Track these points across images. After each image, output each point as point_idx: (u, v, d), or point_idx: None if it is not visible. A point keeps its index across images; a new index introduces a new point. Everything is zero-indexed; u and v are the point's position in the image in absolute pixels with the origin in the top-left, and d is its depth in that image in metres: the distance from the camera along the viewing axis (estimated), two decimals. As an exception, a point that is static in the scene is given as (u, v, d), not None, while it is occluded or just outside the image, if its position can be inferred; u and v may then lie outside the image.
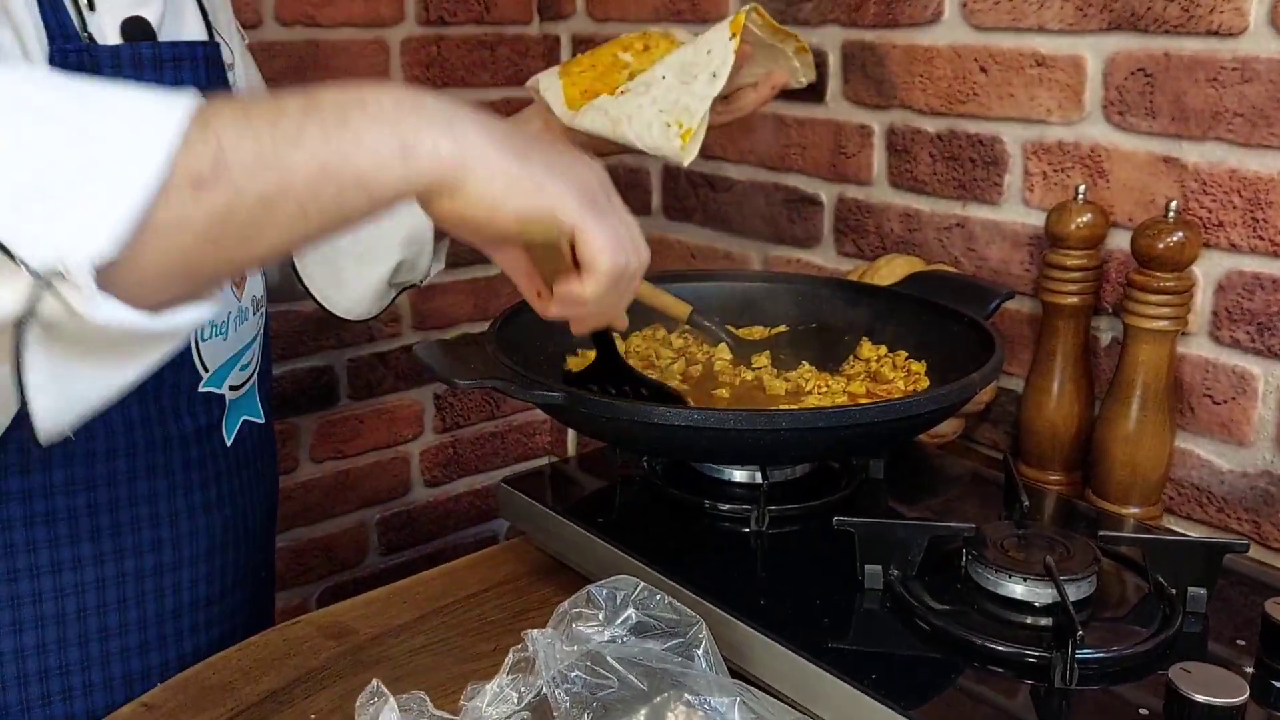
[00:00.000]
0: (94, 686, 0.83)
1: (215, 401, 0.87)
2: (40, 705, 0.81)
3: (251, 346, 0.91)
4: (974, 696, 0.66)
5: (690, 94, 0.91)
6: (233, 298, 0.86)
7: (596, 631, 0.68)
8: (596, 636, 0.67)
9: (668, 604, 0.70)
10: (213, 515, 0.89)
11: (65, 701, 0.82)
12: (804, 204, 1.31)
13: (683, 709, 0.65)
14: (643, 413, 0.76)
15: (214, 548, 0.89)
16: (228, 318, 0.86)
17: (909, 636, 0.71)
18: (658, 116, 0.92)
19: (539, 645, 0.65)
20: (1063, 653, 0.64)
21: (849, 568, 0.76)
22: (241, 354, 0.89)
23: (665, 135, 0.91)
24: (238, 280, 0.87)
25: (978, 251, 1.13)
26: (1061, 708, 0.64)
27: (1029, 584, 0.71)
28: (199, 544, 0.88)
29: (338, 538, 1.58)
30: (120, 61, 0.76)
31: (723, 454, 0.86)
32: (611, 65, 0.99)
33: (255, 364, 0.92)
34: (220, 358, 0.87)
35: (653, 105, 0.92)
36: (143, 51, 0.77)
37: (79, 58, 0.74)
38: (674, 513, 0.88)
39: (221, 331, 0.86)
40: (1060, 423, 1.01)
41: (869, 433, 0.77)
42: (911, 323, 0.99)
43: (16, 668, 0.80)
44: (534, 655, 0.65)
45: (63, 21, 0.73)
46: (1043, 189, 1.07)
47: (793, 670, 0.69)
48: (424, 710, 0.58)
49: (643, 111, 0.93)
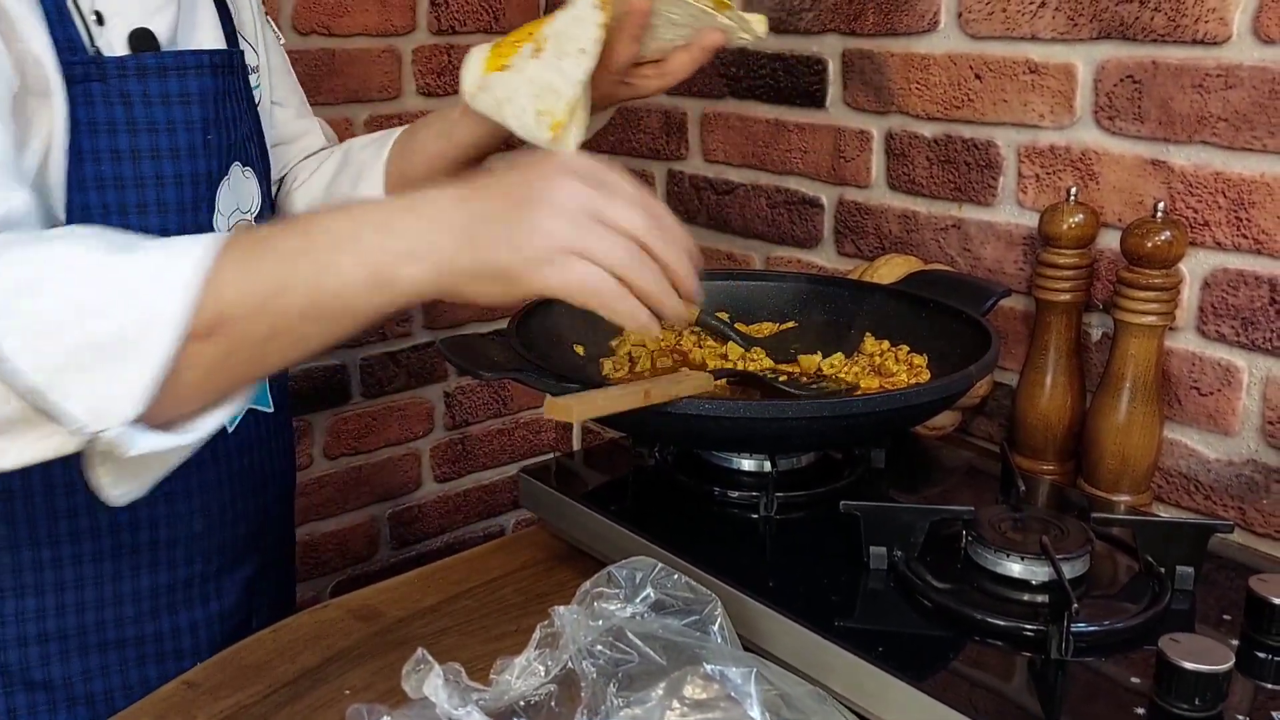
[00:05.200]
0: (89, 648, 0.86)
1: None
2: (39, 666, 0.84)
3: None
4: (975, 667, 0.70)
5: (560, 73, 0.80)
6: None
7: (618, 609, 0.72)
8: (618, 613, 0.71)
9: (684, 583, 0.74)
10: (209, 496, 0.90)
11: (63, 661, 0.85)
12: (805, 206, 1.35)
13: (701, 680, 0.69)
14: (660, 404, 0.80)
15: (211, 527, 0.90)
16: None
17: (912, 614, 0.75)
18: (531, 101, 0.81)
19: (565, 621, 0.68)
20: (1058, 626, 0.69)
21: (854, 550, 0.80)
22: None
23: (537, 125, 0.81)
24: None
25: (973, 251, 1.18)
26: (1057, 677, 0.68)
27: (1026, 563, 0.75)
28: (194, 524, 0.89)
29: (351, 532, 1.62)
30: (126, 72, 0.79)
31: (735, 442, 0.90)
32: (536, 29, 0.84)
33: None
34: None
35: (529, 86, 0.81)
36: (148, 62, 0.80)
37: (85, 69, 0.76)
38: (686, 500, 0.92)
39: None
40: (1053, 414, 1.06)
41: (874, 421, 0.81)
42: (912, 319, 1.03)
43: (18, 629, 0.83)
44: (560, 630, 0.69)
45: (71, 36, 0.76)
46: (1035, 191, 1.11)
47: (804, 645, 0.73)
48: (460, 680, 0.62)
49: (518, 94, 0.81)
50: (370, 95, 1.50)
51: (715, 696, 0.68)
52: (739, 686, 0.66)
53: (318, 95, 1.42)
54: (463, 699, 0.60)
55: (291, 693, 0.75)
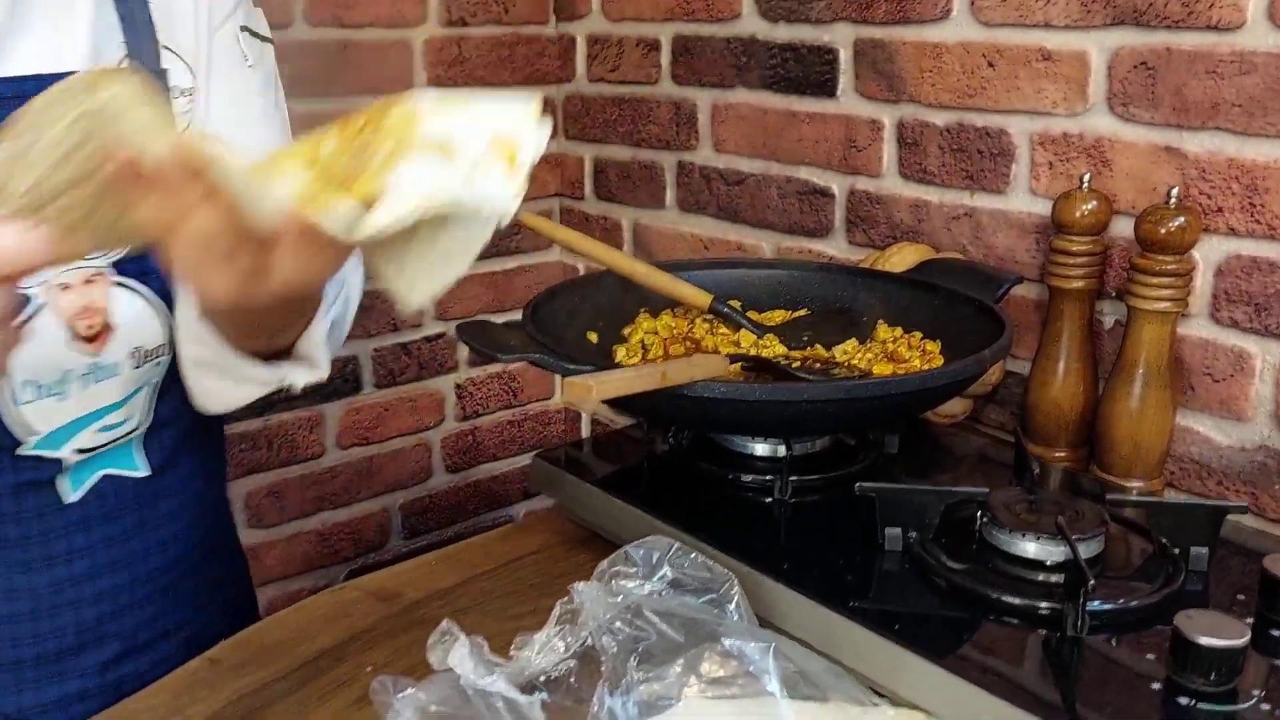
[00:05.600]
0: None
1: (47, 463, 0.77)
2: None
3: (126, 404, 0.79)
4: (991, 644, 0.70)
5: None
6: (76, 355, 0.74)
7: (636, 587, 0.73)
8: (636, 591, 0.72)
9: (701, 562, 0.74)
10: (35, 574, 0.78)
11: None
12: (816, 196, 1.35)
13: (719, 657, 0.69)
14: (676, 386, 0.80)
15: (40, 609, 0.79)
16: (62, 377, 0.74)
17: (928, 594, 0.76)
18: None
19: (585, 597, 0.69)
20: (1074, 604, 0.69)
21: (869, 533, 0.80)
22: (98, 415, 0.78)
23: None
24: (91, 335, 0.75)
25: (984, 240, 1.18)
26: (1073, 655, 0.69)
27: (1041, 542, 0.75)
28: (19, 603, 0.78)
29: (363, 521, 1.63)
30: None
31: (750, 425, 0.90)
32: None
33: (137, 419, 0.80)
34: (56, 420, 0.75)
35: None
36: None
37: None
38: (700, 485, 0.92)
39: (54, 391, 0.74)
40: (1066, 401, 1.06)
41: (888, 404, 0.82)
42: (924, 307, 1.03)
43: None
44: (580, 607, 0.69)
45: None
46: (1049, 178, 1.12)
47: (820, 623, 0.73)
48: (483, 654, 0.63)
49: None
50: (382, 87, 1.51)
51: (733, 673, 0.69)
52: (757, 662, 0.67)
53: (331, 88, 1.43)
54: (488, 669, 0.61)
55: (313, 670, 0.76)
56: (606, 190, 1.66)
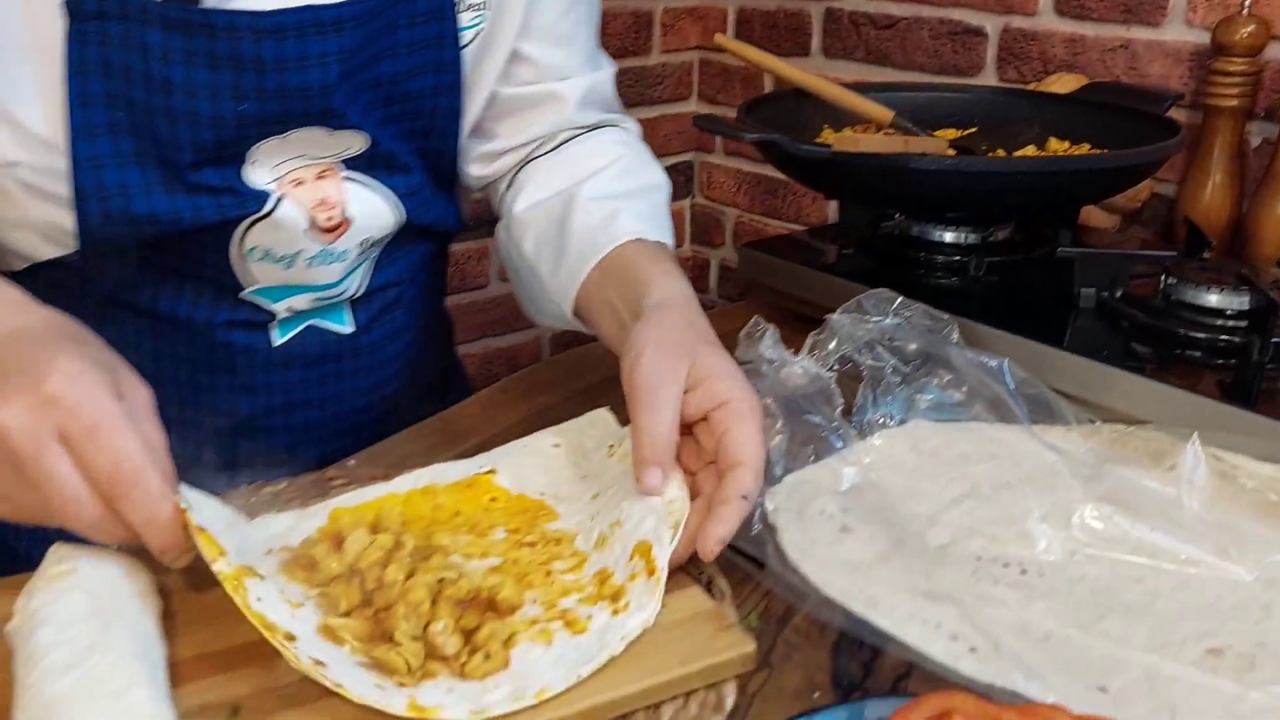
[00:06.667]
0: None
1: (263, 311, 0.81)
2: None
3: (342, 283, 0.82)
4: (1187, 367, 0.82)
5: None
6: (313, 244, 0.78)
7: (874, 324, 0.85)
8: (880, 324, 0.84)
9: (923, 310, 0.87)
10: (240, 398, 0.84)
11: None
12: (968, 35, 1.44)
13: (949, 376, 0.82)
14: (900, 159, 0.92)
15: (240, 428, 0.84)
16: (294, 255, 0.78)
17: (1121, 342, 0.88)
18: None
19: (840, 322, 0.82)
20: (1260, 334, 0.81)
21: (1062, 297, 0.92)
22: (318, 289, 0.82)
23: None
24: (331, 227, 0.78)
25: (1139, 69, 1.27)
26: (1257, 379, 0.81)
27: (1224, 293, 0.87)
28: (222, 420, 0.83)
29: (520, 348, 1.77)
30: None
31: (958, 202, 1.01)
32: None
33: (353, 289, 0.84)
34: (277, 280, 0.80)
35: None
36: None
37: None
38: (900, 266, 1.04)
39: (282, 259, 0.78)
40: (1214, 212, 1.16)
41: (1085, 179, 0.93)
42: (1093, 122, 1.13)
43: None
44: (833, 333, 0.82)
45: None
46: (1205, 9, 1.20)
47: (1034, 356, 0.85)
48: (777, 340, 0.75)
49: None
50: None
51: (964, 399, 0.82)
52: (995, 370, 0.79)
53: None
54: (789, 359, 0.74)
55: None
56: (750, 40, 1.75)
